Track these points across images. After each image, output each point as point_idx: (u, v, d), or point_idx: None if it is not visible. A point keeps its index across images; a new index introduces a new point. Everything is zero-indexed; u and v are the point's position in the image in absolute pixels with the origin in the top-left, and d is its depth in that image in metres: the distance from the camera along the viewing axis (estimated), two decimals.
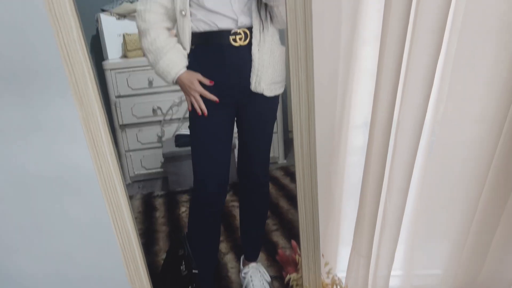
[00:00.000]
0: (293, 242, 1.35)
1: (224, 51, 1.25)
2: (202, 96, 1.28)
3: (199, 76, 1.27)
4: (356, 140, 1.19)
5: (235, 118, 1.41)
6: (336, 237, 1.36)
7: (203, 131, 1.33)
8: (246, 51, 1.26)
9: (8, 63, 0.92)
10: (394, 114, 0.99)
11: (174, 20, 1.29)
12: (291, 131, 3.35)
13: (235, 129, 1.45)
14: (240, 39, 1.24)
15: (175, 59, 1.26)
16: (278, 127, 2.79)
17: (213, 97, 1.27)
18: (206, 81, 1.27)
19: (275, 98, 1.35)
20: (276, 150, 2.85)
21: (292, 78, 0.75)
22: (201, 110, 1.28)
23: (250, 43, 1.25)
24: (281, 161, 2.88)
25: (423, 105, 0.95)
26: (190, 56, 1.28)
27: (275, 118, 1.44)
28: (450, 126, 1.07)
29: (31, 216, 1.07)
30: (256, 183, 1.52)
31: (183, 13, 1.23)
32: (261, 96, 1.29)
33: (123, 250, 0.88)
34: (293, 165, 3.07)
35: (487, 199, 1.13)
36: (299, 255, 1.16)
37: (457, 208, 1.19)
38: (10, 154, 1.01)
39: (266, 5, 1.23)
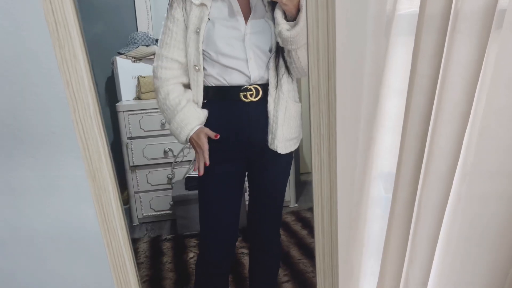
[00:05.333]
0: None
1: (234, 106, 1.23)
2: (211, 149, 1.24)
3: (206, 130, 1.24)
4: (378, 191, 1.14)
5: (246, 176, 1.38)
6: None
7: (211, 188, 1.29)
8: (259, 108, 1.23)
9: (22, 124, 0.92)
10: (422, 165, 0.94)
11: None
12: (303, 174, 3.29)
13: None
14: (251, 95, 1.22)
15: (186, 118, 1.22)
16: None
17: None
18: (212, 135, 1.23)
19: (289, 154, 1.31)
20: (287, 193, 2.81)
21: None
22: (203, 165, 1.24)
23: (264, 100, 1.23)
24: (293, 205, 2.83)
25: (454, 155, 0.90)
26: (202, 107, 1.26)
27: (288, 175, 1.39)
28: (479, 178, 1.01)
29: (38, 275, 1.04)
30: (267, 244, 1.46)
31: (197, 68, 1.22)
32: (274, 153, 1.26)
33: None
34: (305, 210, 3.00)
35: None
36: None
37: (487, 268, 1.11)
38: (20, 213, 1.00)
39: (284, 60, 1.21)
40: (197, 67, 1.22)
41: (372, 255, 1.14)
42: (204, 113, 1.25)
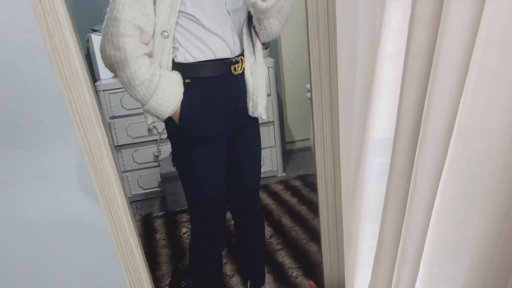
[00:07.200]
0: (311, 283, 1.31)
1: (225, 81, 1.20)
2: (196, 129, 1.21)
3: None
4: (377, 157, 1.15)
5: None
6: (354, 260, 1.32)
7: (200, 167, 1.26)
8: (241, 78, 1.22)
9: (9, 116, 0.89)
10: (419, 131, 0.95)
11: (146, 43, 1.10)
12: (288, 143, 3.30)
13: None
14: (239, 67, 1.20)
15: (165, 95, 1.10)
16: (275, 140, 2.76)
17: None
18: None
19: (258, 120, 1.32)
20: (275, 163, 2.82)
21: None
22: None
23: (243, 69, 1.21)
24: (280, 174, 2.85)
25: (450, 120, 0.90)
26: (185, 91, 1.19)
27: (260, 141, 1.41)
28: (474, 138, 1.03)
29: (38, 265, 1.03)
30: (253, 215, 1.47)
31: (166, 34, 1.10)
32: (249, 121, 1.26)
33: None
34: (293, 178, 3.00)
35: None
36: None
37: (482, 224, 1.15)
38: (14, 204, 0.99)
39: (253, 25, 1.18)
40: (165, 33, 1.10)
41: (376, 222, 1.16)
42: (181, 82, 1.15)
